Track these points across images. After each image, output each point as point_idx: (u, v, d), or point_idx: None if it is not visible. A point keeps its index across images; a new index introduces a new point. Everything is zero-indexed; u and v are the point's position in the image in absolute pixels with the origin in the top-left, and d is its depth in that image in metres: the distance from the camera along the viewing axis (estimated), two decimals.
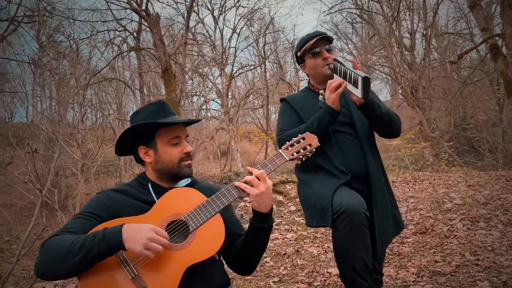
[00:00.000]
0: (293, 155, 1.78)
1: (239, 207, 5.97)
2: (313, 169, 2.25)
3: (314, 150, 1.81)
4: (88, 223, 1.55)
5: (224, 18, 20.82)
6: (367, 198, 2.19)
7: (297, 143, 1.81)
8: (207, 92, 17.51)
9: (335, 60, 2.23)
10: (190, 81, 20.76)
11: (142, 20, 7.16)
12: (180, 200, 1.62)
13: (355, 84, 2.04)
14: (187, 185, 1.78)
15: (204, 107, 16.42)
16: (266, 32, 16.92)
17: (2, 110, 20.90)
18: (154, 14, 6.60)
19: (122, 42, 10.49)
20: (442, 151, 12.21)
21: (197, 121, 2.00)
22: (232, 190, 1.65)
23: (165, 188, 1.72)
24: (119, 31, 9.35)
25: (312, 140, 1.81)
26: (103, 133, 8.24)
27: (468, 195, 5.94)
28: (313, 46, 2.34)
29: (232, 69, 15.66)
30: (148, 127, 1.70)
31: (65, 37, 15.32)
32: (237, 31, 15.65)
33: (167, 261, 1.49)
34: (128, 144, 1.77)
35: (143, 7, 6.77)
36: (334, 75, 2.22)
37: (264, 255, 4.56)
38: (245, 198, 6.24)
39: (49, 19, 14.74)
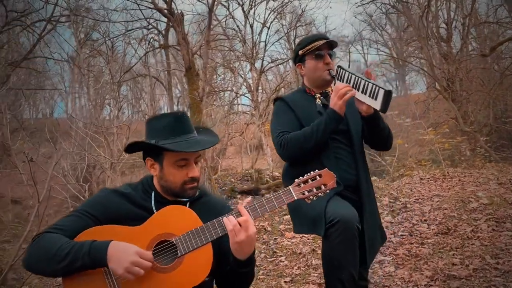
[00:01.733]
0: (303, 194, 1.64)
1: None
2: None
3: (328, 191, 1.67)
4: (81, 222, 1.58)
5: (254, 13, 20.80)
6: (357, 208, 2.16)
7: (312, 180, 1.66)
8: (238, 87, 17.59)
9: (339, 67, 2.19)
10: (222, 75, 20.94)
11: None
12: (176, 220, 1.59)
13: (373, 96, 1.99)
14: (194, 199, 1.75)
15: (235, 102, 16.51)
16: (297, 25, 16.75)
17: (44, 106, 21.85)
18: (178, 13, 6.69)
19: (152, 40, 10.72)
20: (478, 146, 11.77)
21: (208, 147, 1.78)
22: (221, 223, 1.60)
23: (168, 199, 1.71)
24: (149, 29, 9.56)
25: (329, 180, 1.67)
26: (128, 130, 8.43)
27: (498, 194, 5.72)
28: (317, 48, 2.29)
29: (262, 64, 15.64)
30: (159, 147, 1.65)
31: (100, 35, 15.73)
32: (267, 25, 15.58)
33: (149, 282, 1.50)
34: (139, 150, 1.77)
35: (170, 5, 6.88)
36: (336, 81, 2.19)
37: (280, 254, 4.58)
38: None
39: (85, 18, 15.14)
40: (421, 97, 17.34)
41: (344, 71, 2.15)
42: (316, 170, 1.69)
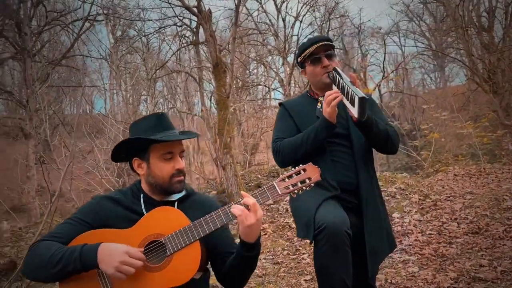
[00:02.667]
0: (288, 188, 1.65)
1: (286, 201, 5.99)
2: None
3: (313, 184, 1.67)
4: (74, 229, 1.64)
5: (286, 6, 20.67)
6: (357, 212, 2.12)
7: (296, 174, 1.67)
8: (270, 82, 17.56)
9: (334, 70, 2.14)
10: (255, 70, 20.95)
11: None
12: (164, 220, 1.63)
13: (352, 102, 1.96)
14: (181, 198, 1.80)
15: (267, 96, 16.51)
16: (330, 18, 16.51)
17: (83, 102, 22.62)
18: (206, 10, 6.75)
19: (183, 37, 10.86)
20: None
21: (191, 137, 1.86)
22: (217, 218, 1.63)
23: (156, 200, 1.76)
24: (179, 26, 9.73)
25: (313, 174, 1.66)
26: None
27: None
28: (313, 53, 2.26)
29: (295, 57, 15.52)
30: (142, 141, 1.72)
31: (136, 32, 16.07)
32: (300, 18, 15.45)
33: (141, 281, 1.54)
34: (124, 153, 1.82)
35: (198, 3, 6.94)
36: (333, 85, 2.14)
37: (303, 251, 4.57)
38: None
39: (129, 16, 15.45)
40: (460, 89, 16.74)
41: (337, 75, 2.11)
42: (300, 165, 1.70)
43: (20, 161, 12.42)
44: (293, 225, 5.31)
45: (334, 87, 2.11)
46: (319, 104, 2.26)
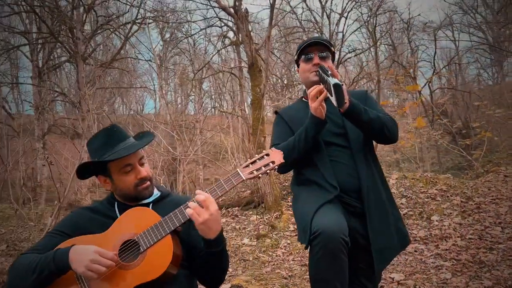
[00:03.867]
0: (252, 173, 1.68)
1: None
2: (304, 182, 2.16)
3: (277, 167, 1.70)
4: (54, 240, 1.71)
5: (331, 3, 20.38)
6: (361, 213, 2.04)
7: (260, 159, 1.71)
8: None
9: (320, 67, 2.09)
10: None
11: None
12: (136, 220, 1.68)
13: (331, 92, 1.91)
14: (155, 200, 1.84)
15: None
16: (377, 13, 16.05)
17: (134, 103, 23.48)
18: (242, 10, 6.77)
19: (226, 37, 10.99)
20: None
21: (141, 147, 1.80)
22: (180, 214, 1.66)
23: (130, 206, 1.80)
24: (220, 27, 9.84)
25: (276, 157, 1.70)
26: (200, 124, 8.70)
27: None
28: (308, 51, 2.23)
29: (340, 55, 15.25)
30: (97, 164, 1.76)
31: (183, 34, 16.44)
32: (345, 15, 15.15)
33: (117, 280, 1.59)
34: (88, 174, 1.86)
35: (235, 3, 6.98)
36: (321, 83, 2.10)
37: None
38: None
39: (170, 19, 15.85)
40: None
41: (321, 71, 2.05)
42: (264, 151, 1.74)
43: (70, 160, 13.06)
44: None
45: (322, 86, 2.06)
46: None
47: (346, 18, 15.22)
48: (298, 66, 2.34)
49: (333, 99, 1.90)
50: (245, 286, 3.90)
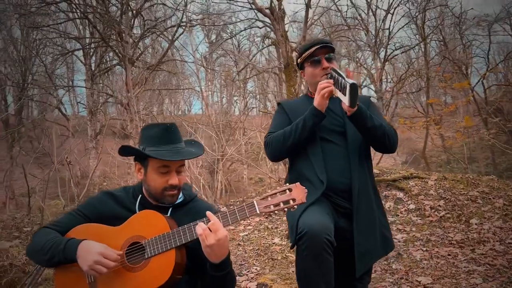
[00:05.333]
0: (268, 207, 1.60)
1: None
2: (297, 178, 2.16)
3: (296, 207, 1.61)
4: (74, 220, 1.81)
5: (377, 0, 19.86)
6: (349, 214, 2.02)
7: (281, 193, 1.62)
8: (362, 79, 17.05)
9: (332, 69, 2.10)
10: (346, 67, 20.41)
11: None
12: (147, 224, 1.71)
13: (344, 91, 1.92)
14: (177, 205, 1.86)
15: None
16: (426, 8, 15.48)
17: (182, 103, 24.11)
18: (278, 11, 6.79)
19: (265, 38, 11.04)
20: None
21: (187, 158, 1.83)
22: (191, 230, 1.66)
23: (152, 204, 1.84)
24: (260, 28, 9.92)
25: (299, 195, 1.60)
26: (242, 125, 8.79)
27: None
28: (313, 55, 2.24)
29: (386, 52, 14.89)
30: (142, 153, 1.78)
31: (227, 35, 16.66)
32: (391, 11, 14.75)
33: (119, 279, 1.66)
34: (129, 155, 1.92)
35: (271, 4, 7.01)
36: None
37: None
38: None
39: (215, 21, 16.11)
40: None
41: (334, 73, 2.06)
42: (287, 184, 1.65)
43: (117, 159, 13.59)
44: None
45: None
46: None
47: (392, 14, 14.83)
48: (300, 68, 2.35)
49: (346, 99, 1.91)
50: (270, 284, 3.92)
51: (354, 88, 1.86)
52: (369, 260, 2.03)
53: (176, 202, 1.86)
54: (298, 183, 1.64)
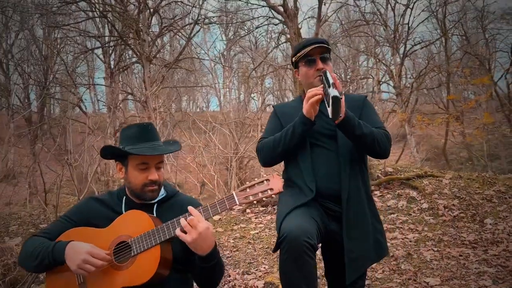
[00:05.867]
0: (247, 198, 1.68)
1: None
2: (288, 183, 2.14)
3: (274, 196, 1.69)
4: (62, 226, 1.85)
5: None
6: (341, 219, 1.99)
7: (259, 184, 1.70)
8: (382, 74, 16.82)
9: (323, 73, 2.05)
10: (365, 62, 20.23)
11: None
12: (133, 223, 1.76)
13: (328, 102, 1.88)
14: (161, 200, 1.92)
15: (375, 89, 15.79)
16: (447, 2, 15.15)
17: (201, 100, 24.24)
18: (291, 9, 6.74)
19: (281, 35, 10.99)
20: None
21: (164, 153, 1.90)
22: (178, 224, 1.70)
23: (136, 203, 1.89)
24: (276, 25, 9.88)
25: (275, 184, 1.68)
26: (259, 122, 8.77)
27: None
28: (308, 54, 2.18)
29: (405, 47, 14.64)
30: (120, 150, 1.85)
31: (245, 32, 16.65)
32: (410, 5, 14.48)
33: (108, 277, 1.70)
34: (109, 156, 1.97)
35: (284, 2, 6.96)
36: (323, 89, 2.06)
37: None
38: None
39: (233, 19, 16.09)
40: None
41: (323, 76, 2.01)
42: (264, 175, 1.72)
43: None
44: None
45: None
46: None
47: (412, 9, 14.55)
48: (295, 67, 2.31)
49: (329, 109, 1.88)
50: (277, 284, 3.92)
51: (336, 101, 1.81)
52: (361, 266, 1.99)
53: (159, 198, 1.91)
54: (275, 174, 1.72)
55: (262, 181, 1.69)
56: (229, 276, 4.17)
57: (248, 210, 6.11)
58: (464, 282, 3.50)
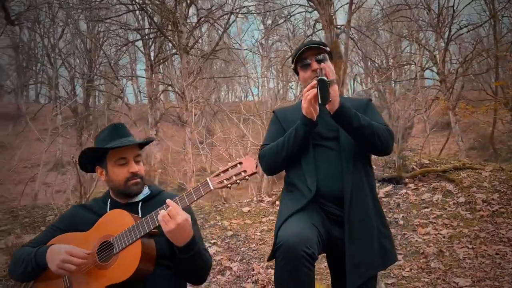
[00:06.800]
0: (222, 183, 1.69)
1: (400, 194, 5.53)
2: (289, 187, 2.08)
3: (248, 177, 1.69)
4: (49, 235, 1.90)
5: None
6: (343, 223, 1.89)
7: (232, 168, 1.71)
8: (424, 60, 16.18)
9: (319, 70, 2.01)
10: (408, 48, 19.51)
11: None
12: (114, 222, 1.78)
13: (317, 89, 1.82)
14: (146, 199, 1.95)
15: (417, 76, 15.20)
16: None
17: (239, 91, 24.24)
18: None
19: (316, 22, 10.74)
20: None
21: (135, 143, 1.93)
22: (154, 218, 1.71)
23: (121, 203, 1.92)
24: (310, 12, 9.65)
25: (248, 166, 1.68)
26: None
27: None
28: (304, 57, 2.12)
29: (450, 31, 13.96)
30: (97, 150, 1.90)
31: (282, 19, 16.42)
32: None
33: (92, 278, 1.72)
34: (88, 163, 1.99)
35: None
36: None
37: (399, 251, 4.20)
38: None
39: (269, 8, 15.92)
40: None
41: (318, 74, 1.97)
42: (237, 159, 1.73)
43: (171, 147, 14.00)
44: (401, 222, 4.91)
45: None
46: None
47: None
48: (297, 74, 2.25)
49: (319, 96, 1.81)
50: None
51: (322, 83, 1.78)
52: (364, 272, 1.86)
53: (144, 197, 1.95)
54: (247, 156, 1.75)
55: (235, 165, 1.71)
56: (253, 270, 4.16)
57: (277, 202, 6.06)
58: (497, 283, 3.31)
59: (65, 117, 19.31)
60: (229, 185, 1.70)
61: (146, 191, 1.98)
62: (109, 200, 1.96)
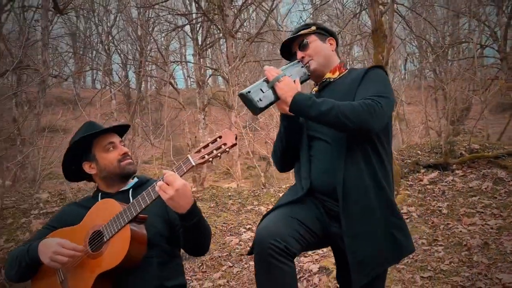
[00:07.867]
0: (203, 158, 1.68)
1: (446, 181, 5.21)
2: (296, 180, 1.99)
3: (228, 150, 1.69)
4: (44, 234, 1.90)
5: None
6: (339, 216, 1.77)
7: (212, 143, 1.69)
8: (485, 38, 15.17)
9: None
10: (466, 25, 18.34)
11: None
12: (102, 211, 1.79)
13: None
14: (135, 186, 1.97)
15: (476, 54, 14.26)
16: None
17: None
18: None
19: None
20: None
21: (124, 126, 2.06)
22: (142, 199, 1.71)
23: (112, 193, 1.93)
24: None
25: (228, 139, 1.67)
26: None
27: None
28: (290, 49, 2.03)
29: None
30: (83, 143, 1.92)
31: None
32: None
33: (85, 268, 1.73)
34: (74, 165, 1.99)
35: None
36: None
37: (440, 242, 3.97)
38: None
39: None
40: None
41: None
42: (217, 133, 1.73)
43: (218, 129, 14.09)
44: (445, 211, 4.64)
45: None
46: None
47: None
48: None
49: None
50: (332, 269, 3.76)
51: (242, 98, 1.77)
52: (371, 269, 1.71)
53: (133, 184, 1.98)
54: (226, 129, 1.75)
55: (215, 139, 1.71)
56: None
57: None
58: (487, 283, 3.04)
59: (118, 102, 20.01)
60: (210, 159, 1.70)
61: (135, 180, 2.01)
62: (100, 193, 1.97)
